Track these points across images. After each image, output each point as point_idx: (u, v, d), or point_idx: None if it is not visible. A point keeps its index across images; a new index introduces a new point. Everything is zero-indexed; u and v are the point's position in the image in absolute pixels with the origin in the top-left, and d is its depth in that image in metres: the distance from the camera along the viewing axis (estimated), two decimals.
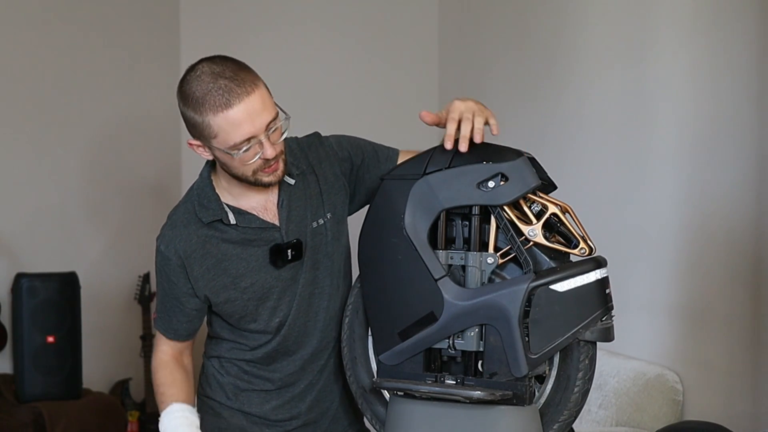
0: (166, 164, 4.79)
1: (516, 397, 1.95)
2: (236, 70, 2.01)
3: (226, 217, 2.12)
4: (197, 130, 2.03)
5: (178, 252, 2.13)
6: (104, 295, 4.55)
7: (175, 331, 2.23)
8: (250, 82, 2.00)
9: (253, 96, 1.99)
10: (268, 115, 2.01)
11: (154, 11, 4.75)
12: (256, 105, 1.99)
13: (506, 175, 1.96)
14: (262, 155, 2.02)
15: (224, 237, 2.13)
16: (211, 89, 1.98)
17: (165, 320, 2.23)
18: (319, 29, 4.84)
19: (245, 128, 1.99)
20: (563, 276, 1.92)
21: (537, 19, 4.08)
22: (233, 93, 1.98)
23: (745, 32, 3.08)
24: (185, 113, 2.05)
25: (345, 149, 2.24)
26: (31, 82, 4.37)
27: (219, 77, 1.99)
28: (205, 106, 1.99)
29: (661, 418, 3.28)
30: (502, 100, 4.28)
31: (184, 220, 2.15)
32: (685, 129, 3.31)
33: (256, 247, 2.13)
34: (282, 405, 2.22)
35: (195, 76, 2.02)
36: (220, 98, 1.98)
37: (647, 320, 3.45)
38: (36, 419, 4.02)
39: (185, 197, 2.20)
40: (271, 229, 2.13)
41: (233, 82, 1.99)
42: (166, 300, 2.20)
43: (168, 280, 2.17)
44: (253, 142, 2.01)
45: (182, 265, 2.14)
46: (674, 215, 3.36)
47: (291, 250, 2.13)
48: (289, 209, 2.14)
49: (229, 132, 1.99)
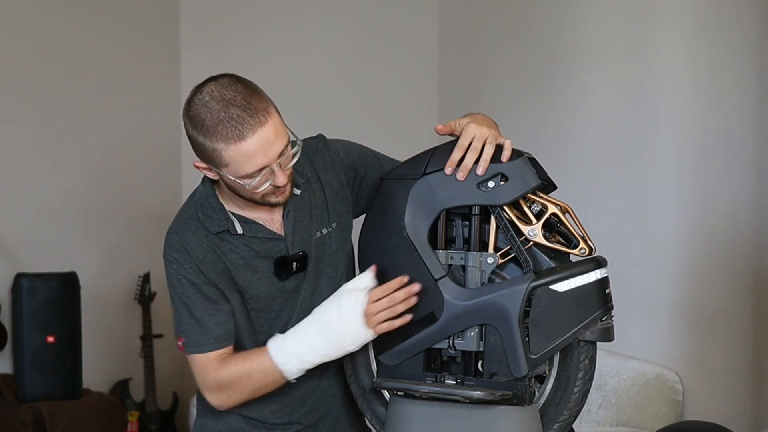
0: (167, 164, 4.79)
1: (516, 397, 1.95)
2: (248, 96, 1.94)
3: (233, 227, 2.08)
4: (206, 156, 1.97)
5: (191, 255, 2.07)
6: (104, 295, 4.55)
7: (216, 338, 2.08)
8: (263, 111, 1.94)
9: (267, 126, 1.93)
10: (280, 144, 1.96)
11: (154, 10, 4.75)
12: (269, 135, 1.94)
13: (506, 175, 1.96)
14: (273, 182, 1.98)
15: (231, 247, 2.08)
16: (223, 119, 1.92)
17: (200, 333, 2.09)
18: (319, 29, 4.84)
19: (258, 159, 1.94)
20: (563, 276, 1.92)
21: (537, 19, 4.08)
22: (246, 124, 1.92)
23: (746, 30, 3.08)
24: (194, 137, 1.97)
25: (351, 157, 2.20)
26: (33, 83, 4.37)
27: (231, 105, 1.92)
28: (216, 136, 1.92)
29: (661, 418, 3.28)
30: (502, 100, 4.29)
31: (191, 227, 2.09)
32: (686, 129, 3.31)
33: (261, 259, 2.10)
34: (281, 409, 2.20)
35: (203, 101, 1.94)
36: (233, 130, 1.91)
37: (647, 320, 3.45)
38: (36, 419, 4.02)
39: (187, 206, 2.14)
40: (277, 239, 2.10)
41: (246, 111, 1.92)
42: (194, 310, 2.08)
43: (192, 285, 2.08)
44: (266, 171, 1.96)
45: (198, 267, 2.08)
46: (674, 215, 3.36)
47: (296, 263, 2.10)
48: (295, 220, 2.11)
49: (242, 163, 1.94)
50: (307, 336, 2.03)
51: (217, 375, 2.08)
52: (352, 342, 2.02)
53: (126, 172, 4.66)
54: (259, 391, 2.09)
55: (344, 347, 2.03)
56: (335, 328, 2.00)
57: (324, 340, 2.02)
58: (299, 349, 2.03)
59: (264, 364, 2.05)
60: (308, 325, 2.03)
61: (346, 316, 2.00)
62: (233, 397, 2.09)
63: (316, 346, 2.03)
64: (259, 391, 2.09)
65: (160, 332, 4.57)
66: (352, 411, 2.27)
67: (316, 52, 4.82)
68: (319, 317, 2.03)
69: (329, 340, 2.01)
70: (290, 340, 2.04)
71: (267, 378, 2.06)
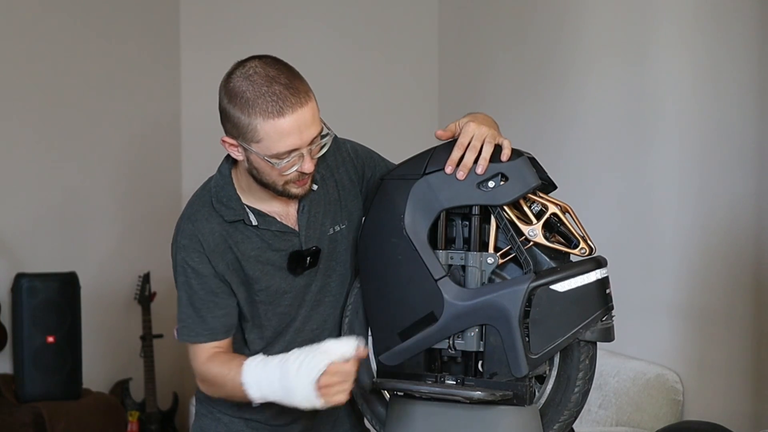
0: (167, 164, 4.79)
1: (516, 398, 1.95)
2: (291, 77, 1.96)
3: (248, 218, 2.08)
4: (239, 130, 1.97)
5: (202, 244, 2.06)
6: (104, 295, 4.55)
7: (212, 330, 2.08)
8: (304, 93, 1.96)
9: (306, 108, 1.95)
10: (315, 130, 1.97)
11: (154, 10, 4.75)
12: (307, 117, 1.95)
13: (506, 175, 1.96)
14: (300, 168, 1.99)
15: (244, 237, 2.08)
16: (265, 93, 1.93)
17: (197, 323, 2.08)
18: (319, 29, 4.84)
19: (292, 139, 1.95)
20: (563, 276, 1.92)
21: (537, 19, 4.08)
22: (287, 102, 1.93)
23: (746, 30, 3.08)
24: (228, 110, 1.98)
25: (360, 157, 2.21)
26: (32, 83, 4.37)
27: (274, 82, 1.94)
28: (255, 109, 1.93)
29: (661, 418, 3.28)
30: (502, 100, 4.29)
31: (205, 214, 2.08)
32: (686, 129, 3.31)
33: (274, 251, 2.09)
34: (283, 410, 2.20)
35: (246, 74, 1.96)
36: (273, 105, 1.93)
37: (647, 320, 3.45)
38: (36, 419, 4.02)
39: (201, 192, 2.14)
40: (290, 233, 2.10)
41: (288, 89, 1.94)
42: (195, 300, 2.08)
43: (197, 275, 2.07)
44: (295, 155, 1.97)
45: (207, 257, 2.07)
46: (674, 214, 3.36)
47: (310, 258, 2.10)
48: (309, 215, 2.11)
49: (276, 141, 1.95)
50: (272, 372, 1.97)
51: (203, 369, 2.09)
52: (302, 400, 1.94)
53: (126, 172, 4.66)
54: (234, 398, 2.08)
55: (293, 402, 1.95)
56: (290, 380, 1.94)
57: (280, 387, 1.96)
58: (261, 381, 1.98)
59: (236, 379, 2.01)
60: (279, 362, 1.97)
61: (303, 376, 1.92)
62: (211, 391, 2.11)
63: (272, 386, 1.97)
64: (234, 398, 2.08)
65: (160, 332, 4.56)
66: (353, 412, 2.26)
67: (316, 52, 4.82)
68: (288, 360, 1.96)
69: (284, 387, 1.95)
70: (259, 367, 1.99)
71: (237, 392, 2.03)
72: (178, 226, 2.11)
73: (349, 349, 1.94)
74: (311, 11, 4.86)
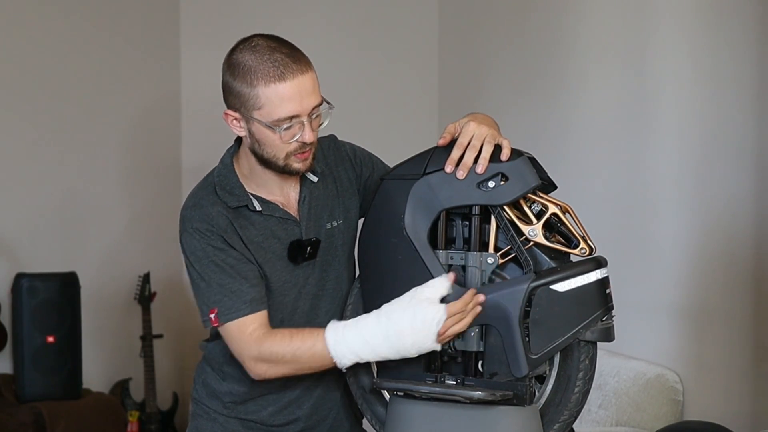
0: (167, 164, 4.79)
1: (516, 398, 1.95)
2: (293, 49, 2.04)
3: (252, 204, 2.09)
4: (241, 100, 2.02)
5: (213, 225, 2.06)
6: (104, 295, 4.55)
7: (250, 300, 2.05)
8: (305, 63, 2.03)
9: (307, 76, 2.02)
10: (315, 99, 2.03)
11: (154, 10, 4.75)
12: (307, 85, 2.02)
13: (506, 175, 1.96)
14: (300, 138, 2.02)
15: (248, 222, 2.09)
16: (267, 59, 1.99)
17: (232, 299, 2.04)
18: (319, 29, 4.84)
19: (292, 105, 2.00)
20: (564, 276, 1.93)
21: (537, 19, 4.08)
22: (288, 68, 2.00)
23: (746, 29, 3.08)
24: (230, 83, 2.03)
25: (359, 158, 2.24)
26: (32, 83, 4.36)
27: (275, 51, 2.01)
28: (257, 75, 1.99)
29: (661, 418, 3.28)
30: (502, 100, 4.29)
31: (210, 200, 2.09)
32: (685, 129, 3.31)
33: (276, 239, 2.10)
34: (280, 410, 2.19)
35: (250, 46, 2.02)
36: (275, 70, 1.99)
37: (647, 320, 3.45)
38: (36, 419, 4.02)
39: (203, 183, 2.15)
40: (292, 222, 2.12)
41: (290, 57, 2.01)
42: (223, 278, 2.05)
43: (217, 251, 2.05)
44: (295, 122, 2.01)
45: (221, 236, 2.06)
46: (674, 214, 3.35)
47: (309, 248, 2.11)
48: (310, 206, 2.14)
49: (277, 105, 1.99)
50: (371, 336, 1.97)
51: (260, 347, 2.03)
52: (417, 351, 1.97)
53: (126, 172, 4.66)
54: (302, 371, 2.06)
55: (405, 354, 1.98)
56: (404, 338, 1.95)
57: (389, 346, 1.96)
58: (359, 347, 1.98)
59: (316, 349, 2.00)
60: (374, 325, 1.97)
61: (420, 331, 1.94)
62: (273, 371, 2.05)
63: (377, 348, 1.97)
64: (302, 371, 2.06)
65: (160, 332, 4.56)
66: (352, 412, 2.26)
67: (316, 52, 4.76)
68: (388, 321, 1.96)
69: (394, 346, 1.96)
70: (351, 334, 1.99)
71: (315, 362, 2.02)
72: (184, 216, 2.11)
73: (444, 285, 1.96)
74: (311, 11, 4.86)
